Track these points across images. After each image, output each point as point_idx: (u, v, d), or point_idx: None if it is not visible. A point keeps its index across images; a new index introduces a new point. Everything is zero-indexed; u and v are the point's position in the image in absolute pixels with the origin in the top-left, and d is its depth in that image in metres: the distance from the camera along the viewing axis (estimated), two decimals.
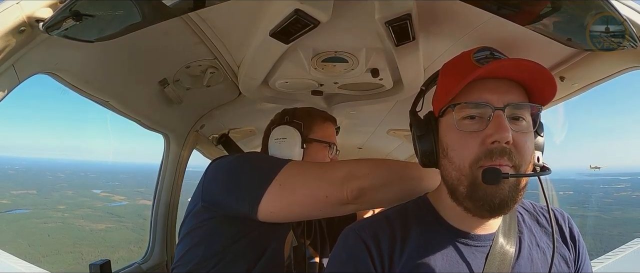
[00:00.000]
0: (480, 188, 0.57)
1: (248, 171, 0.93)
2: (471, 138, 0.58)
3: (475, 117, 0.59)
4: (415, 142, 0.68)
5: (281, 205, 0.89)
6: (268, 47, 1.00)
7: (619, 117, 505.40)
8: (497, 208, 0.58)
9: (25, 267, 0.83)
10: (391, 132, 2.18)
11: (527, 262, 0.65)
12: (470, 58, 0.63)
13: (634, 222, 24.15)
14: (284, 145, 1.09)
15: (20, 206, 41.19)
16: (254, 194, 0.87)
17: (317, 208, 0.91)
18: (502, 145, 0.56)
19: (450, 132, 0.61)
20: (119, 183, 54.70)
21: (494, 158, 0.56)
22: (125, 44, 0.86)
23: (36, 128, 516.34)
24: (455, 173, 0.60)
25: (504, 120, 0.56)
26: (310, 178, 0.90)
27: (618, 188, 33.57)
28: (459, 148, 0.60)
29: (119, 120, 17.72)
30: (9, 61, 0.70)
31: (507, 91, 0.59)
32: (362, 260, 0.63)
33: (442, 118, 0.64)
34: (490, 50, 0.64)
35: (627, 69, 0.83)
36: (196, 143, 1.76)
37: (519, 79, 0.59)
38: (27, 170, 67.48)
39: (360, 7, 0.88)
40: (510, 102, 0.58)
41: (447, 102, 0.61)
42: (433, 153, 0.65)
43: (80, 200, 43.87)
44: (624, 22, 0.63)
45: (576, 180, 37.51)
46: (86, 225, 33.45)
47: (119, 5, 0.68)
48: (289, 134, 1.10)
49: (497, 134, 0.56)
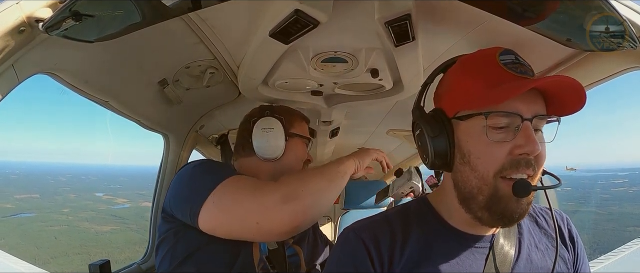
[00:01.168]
0: (502, 202, 0.57)
1: (189, 184, 0.89)
2: (499, 147, 0.57)
3: (505, 126, 0.57)
4: (426, 142, 0.64)
5: (216, 224, 0.84)
6: (268, 47, 1.00)
7: (619, 113, 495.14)
8: (515, 222, 0.59)
9: (26, 267, 0.83)
10: (391, 132, 2.18)
11: (526, 263, 0.65)
12: (496, 60, 0.59)
13: (628, 216, 24.49)
14: (271, 135, 1.08)
15: (25, 210, 41.36)
16: (193, 209, 0.83)
17: (250, 235, 0.86)
18: (529, 157, 0.56)
19: (474, 139, 0.59)
20: (120, 186, 54.85)
21: (520, 169, 0.56)
22: (125, 44, 0.86)
23: (34, 131, 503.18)
24: (477, 181, 0.59)
25: (532, 132, 0.56)
26: (239, 201, 0.84)
27: (616, 184, 33.73)
28: (485, 156, 0.58)
29: (118, 123, 17.66)
30: (9, 61, 0.70)
31: (534, 101, 0.58)
32: (362, 260, 0.62)
33: (463, 122, 0.60)
34: (513, 54, 0.61)
35: (627, 70, 0.83)
36: (196, 143, 1.76)
37: (548, 90, 0.58)
38: (28, 175, 67.69)
39: (360, 7, 0.88)
40: (537, 113, 0.57)
41: (475, 107, 0.58)
42: (447, 156, 0.62)
43: (83, 204, 44.12)
44: (624, 22, 0.63)
45: (575, 176, 37.62)
46: (91, 227, 33.77)
47: (118, 5, 0.68)
48: (275, 126, 1.10)
49: (527, 147, 0.55)
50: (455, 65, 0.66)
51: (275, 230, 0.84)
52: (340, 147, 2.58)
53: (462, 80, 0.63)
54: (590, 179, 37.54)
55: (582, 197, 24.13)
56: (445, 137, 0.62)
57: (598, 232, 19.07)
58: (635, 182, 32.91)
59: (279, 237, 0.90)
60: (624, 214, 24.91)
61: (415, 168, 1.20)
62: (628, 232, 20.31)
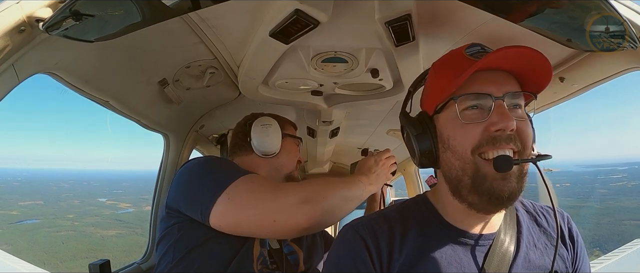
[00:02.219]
0: (487, 181, 0.58)
1: (201, 178, 0.91)
2: (473, 126, 0.59)
3: (477, 107, 0.59)
4: (411, 142, 0.68)
5: (228, 220, 0.86)
6: (268, 47, 1.00)
7: (619, 109, 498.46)
8: (506, 201, 0.58)
9: (26, 267, 0.83)
10: (391, 132, 2.18)
11: (524, 262, 0.64)
12: (463, 54, 0.63)
13: (623, 210, 24.75)
14: (271, 130, 1.12)
15: (30, 216, 41.71)
16: (205, 204, 0.85)
17: (263, 232, 0.90)
18: (507, 133, 0.57)
19: (450, 124, 0.62)
20: (122, 191, 55.10)
21: (499, 145, 0.57)
22: (125, 44, 0.86)
23: (34, 137, 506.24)
24: (458, 162, 0.60)
25: (505, 109, 0.57)
26: (259, 199, 0.87)
27: (614, 179, 33.79)
28: (460, 136, 0.60)
29: (119, 127, 17.57)
30: (9, 61, 0.70)
31: (504, 81, 0.60)
32: (361, 257, 0.63)
33: (440, 114, 0.64)
34: (479, 46, 0.64)
35: (627, 70, 0.83)
36: (196, 143, 1.76)
37: (513, 69, 0.60)
38: (30, 181, 67.99)
39: (360, 8, 0.88)
40: (509, 91, 0.59)
41: (445, 97, 0.61)
42: (432, 152, 0.65)
43: (88, 209, 44.49)
44: (624, 22, 0.63)
45: (574, 172, 37.66)
46: (97, 232, 34.15)
47: (118, 5, 0.68)
48: (273, 123, 1.13)
49: (501, 123, 0.57)
50: (430, 69, 0.70)
51: (289, 229, 0.88)
52: (340, 147, 2.58)
53: (436, 80, 0.68)
54: (590, 175, 37.64)
55: (580, 193, 24.27)
56: (428, 133, 0.65)
57: (593, 226, 19.27)
58: (634, 176, 32.97)
59: (289, 235, 0.93)
60: (621, 208, 25.14)
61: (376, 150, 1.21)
62: (624, 225, 20.38)
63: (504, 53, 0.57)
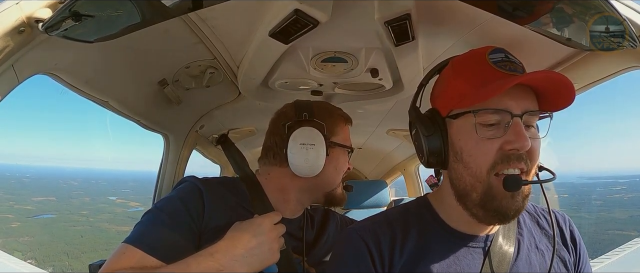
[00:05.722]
0: (496, 199, 0.58)
1: (146, 214, 0.88)
2: (489, 144, 0.58)
3: (494, 123, 0.58)
4: (421, 141, 0.65)
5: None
6: (268, 47, 1.00)
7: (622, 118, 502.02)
8: (511, 218, 0.59)
9: (26, 267, 0.83)
10: (391, 132, 2.18)
11: (525, 264, 0.65)
12: (486, 59, 0.61)
13: (611, 221, 25.59)
14: (312, 153, 0.91)
15: (45, 211, 42.49)
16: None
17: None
18: (519, 152, 0.57)
19: (465, 137, 0.60)
20: (131, 190, 55.42)
21: (511, 163, 0.57)
22: (124, 44, 0.86)
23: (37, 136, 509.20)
24: (470, 179, 0.60)
25: (522, 128, 0.57)
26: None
27: (613, 191, 34.02)
28: (476, 153, 0.59)
29: (123, 129, 17.46)
30: (9, 62, 0.70)
31: (524, 97, 0.59)
32: (363, 260, 0.63)
33: (455, 120, 0.62)
34: (503, 52, 0.62)
35: (627, 69, 0.83)
36: (196, 143, 1.76)
37: (537, 86, 0.59)
38: (40, 178, 68.32)
39: (360, 7, 0.88)
40: (527, 109, 0.58)
41: (464, 106, 0.60)
42: (442, 154, 0.63)
43: (100, 207, 45.37)
44: (624, 22, 0.63)
45: (575, 183, 37.79)
46: (112, 227, 35.09)
47: (118, 5, 0.68)
48: (317, 140, 0.91)
49: (517, 143, 0.56)
50: (448, 65, 0.68)
51: None
52: None
53: (453, 80, 0.65)
54: (589, 186, 37.90)
55: (576, 204, 24.64)
56: (438, 135, 0.63)
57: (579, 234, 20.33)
58: (633, 188, 33.18)
59: None
60: (610, 219, 25.81)
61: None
62: (606, 235, 21.06)
63: (533, 76, 0.57)
